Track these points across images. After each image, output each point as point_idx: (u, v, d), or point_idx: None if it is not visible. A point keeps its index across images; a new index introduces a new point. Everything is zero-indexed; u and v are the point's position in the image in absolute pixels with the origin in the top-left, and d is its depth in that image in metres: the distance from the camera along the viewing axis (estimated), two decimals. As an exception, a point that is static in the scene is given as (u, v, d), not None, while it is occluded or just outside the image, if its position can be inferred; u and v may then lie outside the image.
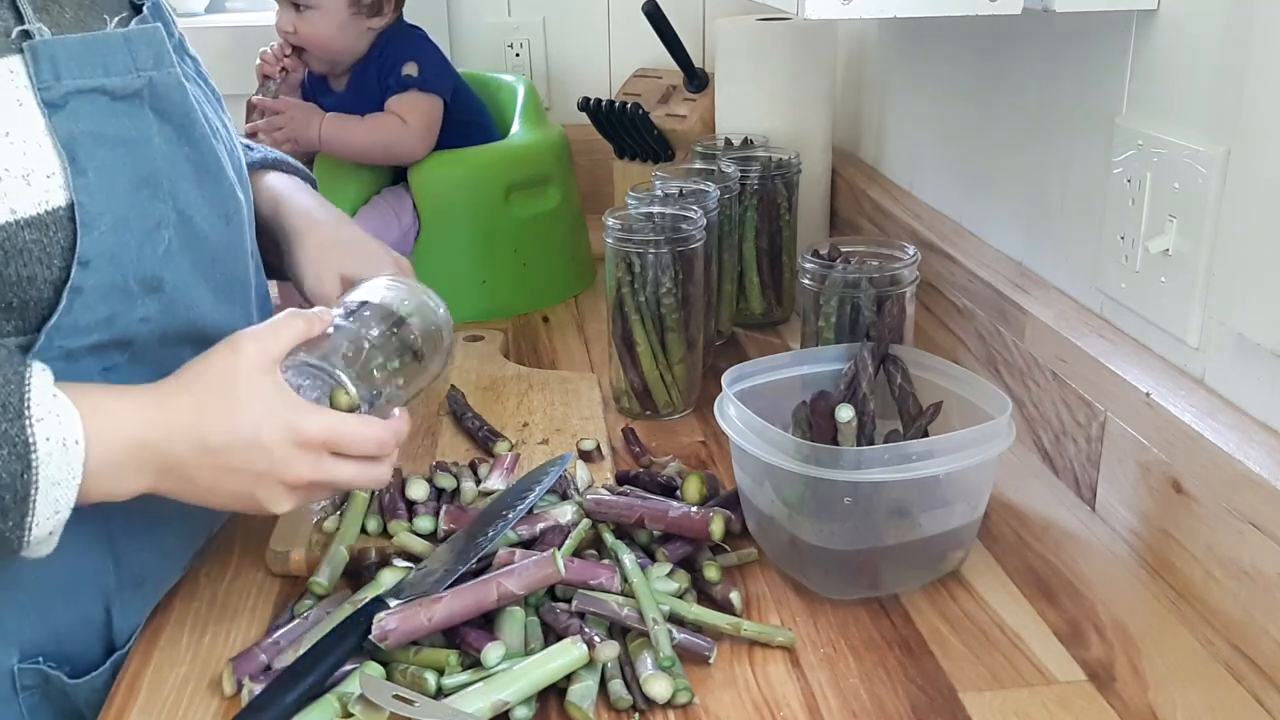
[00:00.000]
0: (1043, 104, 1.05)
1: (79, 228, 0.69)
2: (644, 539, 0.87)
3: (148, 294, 0.74)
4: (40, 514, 0.66)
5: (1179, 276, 0.85)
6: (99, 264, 0.70)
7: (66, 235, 0.69)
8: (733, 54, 1.48)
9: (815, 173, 1.48)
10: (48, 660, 0.77)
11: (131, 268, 0.72)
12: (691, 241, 1.08)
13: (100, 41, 0.72)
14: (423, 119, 1.41)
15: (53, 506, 0.66)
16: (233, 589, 0.86)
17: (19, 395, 0.65)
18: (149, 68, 0.75)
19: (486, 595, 0.75)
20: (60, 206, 0.69)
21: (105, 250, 0.71)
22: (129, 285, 0.73)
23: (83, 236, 0.69)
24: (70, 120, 0.70)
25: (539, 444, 1.05)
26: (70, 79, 0.70)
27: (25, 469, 0.64)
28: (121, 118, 0.73)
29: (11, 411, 0.64)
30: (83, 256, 0.69)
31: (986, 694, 0.73)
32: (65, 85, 0.70)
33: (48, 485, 0.65)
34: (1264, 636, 0.73)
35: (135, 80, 0.74)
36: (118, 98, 0.72)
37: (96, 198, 0.70)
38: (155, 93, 0.75)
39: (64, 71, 0.70)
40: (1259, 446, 0.75)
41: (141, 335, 0.75)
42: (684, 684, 0.72)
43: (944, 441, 0.80)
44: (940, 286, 1.20)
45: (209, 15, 1.96)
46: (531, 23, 1.85)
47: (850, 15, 0.82)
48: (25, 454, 0.64)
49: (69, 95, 0.70)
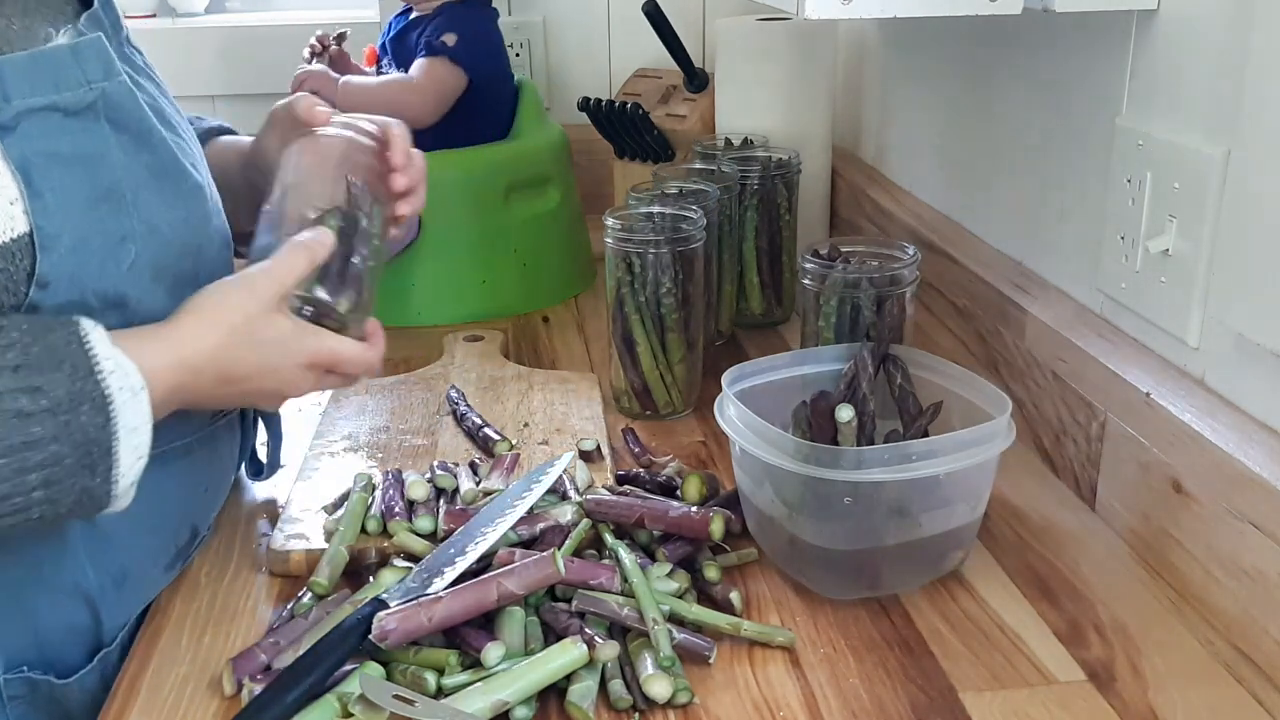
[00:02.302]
0: (1043, 104, 1.05)
1: (37, 250, 0.68)
2: (644, 539, 0.87)
3: (108, 309, 0.73)
4: (124, 463, 0.68)
5: (1179, 276, 0.85)
6: (58, 285, 0.70)
7: (31, 261, 0.68)
8: (733, 54, 1.48)
9: (815, 173, 1.48)
10: (33, 668, 0.77)
11: (92, 285, 0.72)
12: (691, 241, 1.08)
13: (48, 57, 0.71)
14: (435, 85, 1.42)
15: (135, 453, 0.69)
16: (233, 589, 0.86)
17: (83, 352, 0.66)
18: (100, 79, 0.73)
19: (486, 595, 0.75)
20: (24, 233, 0.68)
21: (65, 271, 0.70)
22: (88, 302, 0.72)
23: (42, 259, 0.68)
24: (22, 141, 0.68)
25: (539, 444, 1.05)
26: (20, 99, 0.68)
27: (106, 421, 0.67)
28: (76, 134, 0.71)
29: (83, 370, 0.66)
30: (42, 279, 0.69)
31: (986, 694, 0.73)
32: (15, 105, 0.68)
33: (127, 433, 0.68)
34: (1264, 636, 0.73)
35: (87, 93, 0.72)
36: (71, 113, 0.71)
37: (54, 219, 0.69)
38: (109, 103, 0.73)
39: (13, 92, 0.68)
40: (1259, 446, 0.75)
41: None
42: (684, 684, 0.72)
43: (944, 441, 0.80)
44: (940, 286, 1.20)
45: (209, 15, 1.96)
46: (531, 23, 1.85)
47: (850, 15, 0.82)
48: (105, 407, 0.66)
49: (19, 115, 0.68)
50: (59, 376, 0.65)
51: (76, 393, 0.66)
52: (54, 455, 0.65)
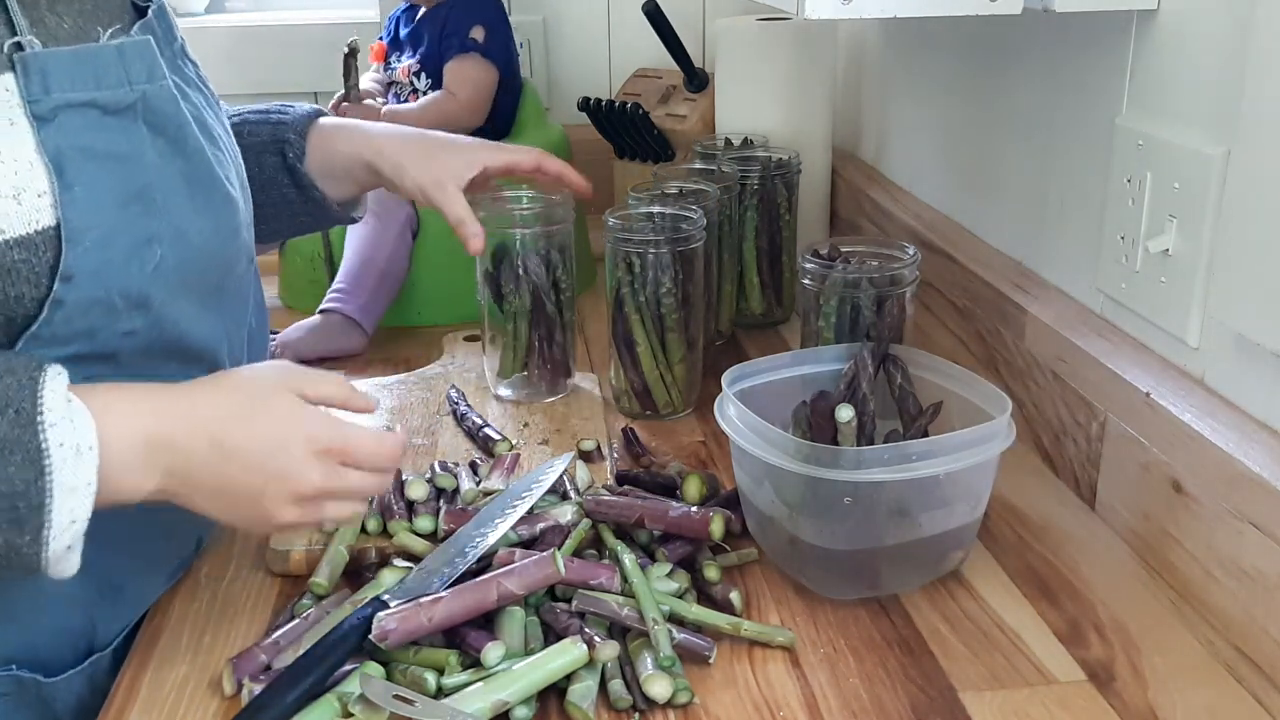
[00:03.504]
0: (1043, 104, 1.05)
1: (63, 242, 0.68)
2: (644, 539, 0.87)
3: (133, 309, 0.72)
4: (57, 525, 0.64)
5: (1179, 276, 0.85)
6: (82, 279, 0.69)
7: (55, 254, 0.68)
8: (733, 54, 1.48)
9: (815, 173, 1.48)
10: (21, 667, 0.76)
11: (117, 283, 0.71)
12: (691, 241, 1.08)
13: (92, 54, 0.71)
14: (473, 89, 1.43)
15: (69, 516, 0.64)
16: (233, 589, 0.86)
17: (32, 400, 0.63)
18: (142, 81, 0.73)
19: (486, 595, 0.75)
20: (50, 226, 0.67)
21: (89, 266, 0.69)
22: (113, 300, 0.71)
23: (67, 251, 0.68)
24: (58, 134, 0.68)
25: (539, 444, 1.05)
26: (60, 92, 0.69)
27: (39, 475, 0.62)
28: (113, 132, 0.71)
29: (24, 417, 0.63)
30: (66, 271, 0.68)
31: (986, 694, 0.73)
32: (55, 99, 0.68)
33: (63, 493, 0.63)
34: (1264, 636, 0.73)
35: (128, 94, 0.72)
36: (109, 111, 0.71)
37: (82, 213, 0.69)
38: (148, 106, 0.74)
39: (54, 85, 0.68)
40: (1259, 446, 0.75)
41: (125, 349, 0.73)
42: (684, 684, 0.72)
43: (944, 441, 0.80)
44: (940, 286, 1.20)
45: (209, 15, 1.96)
46: (531, 23, 1.85)
47: (850, 15, 0.82)
48: (38, 460, 0.62)
49: (58, 109, 0.68)
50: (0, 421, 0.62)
51: (11, 440, 0.62)
52: None
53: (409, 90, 1.50)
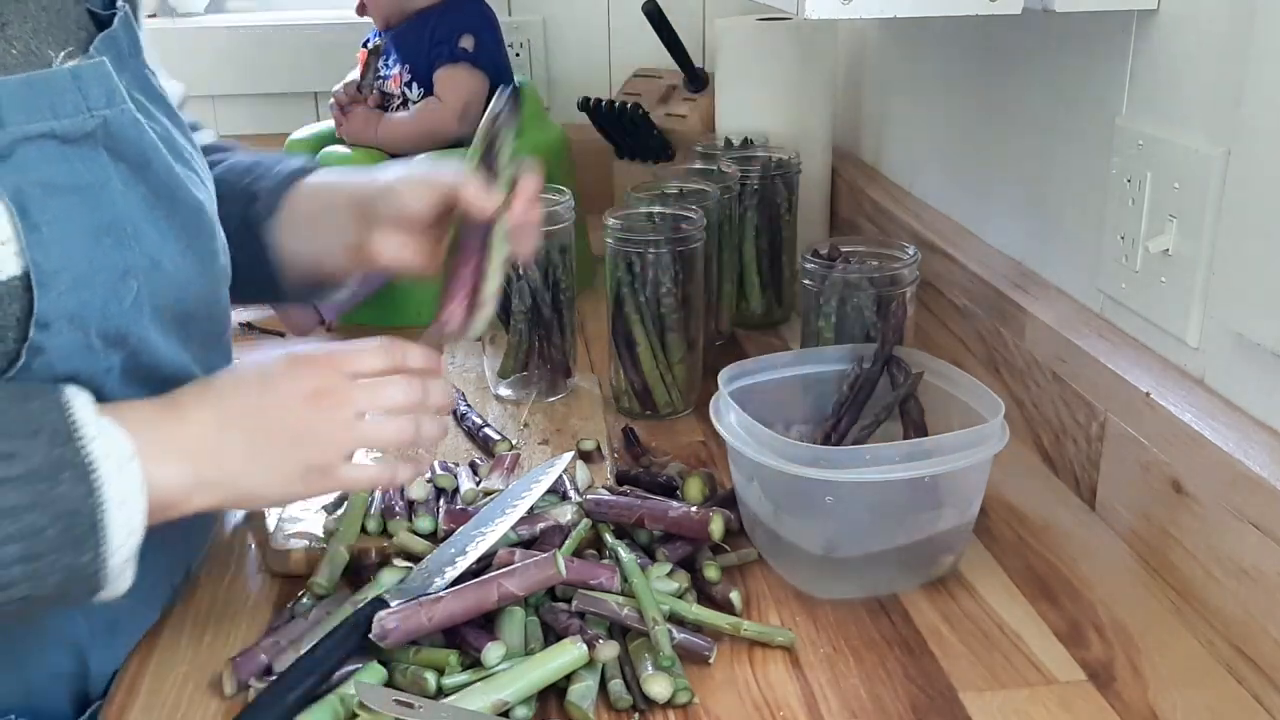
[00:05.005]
0: (1043, 104, 1.05)
1: (35, 288, 0.63)
2: (644, 539, 0.87)
3: (112, 348, 0.69)
4: (114, 539, 0.62)
5: (1179, 276, 0.85)
6: (60, 326, 0.65)
7: (23, 306, 0.63)
8: (733, 54, 1.48)
9: (815, 173, 1.48)
10: (20, 716, 0.74)
11: (95, 325, 0.67)
12: (691, 241, 1.08)
13: (46, 82, 0.65)
14: (461, 97, 1.43)
15: (125, 528, 0.63)
16: (233, 589, 0.86)
17: (63, 418, 0.62)
18: (101, 106, 0.68)
19: (486, 595, 0.75)
20: (15, 275, 0.63)
21: (66, 311, 0.65)
22: (92, 343, 0.67)
23: (40, 298, 0.63)
24: (16, 171, 0.63)
25: (539, 444, 1.05)
26: (15, 125, 0.63)
27: (90, 491, 0.61)
28: (75, 163, 0.66)
29: (61, 436, 0.61)
30: (41, 318, 0.64)
31: (986, 694, 0.73)
32: (10, 132, 0.63)
33: (115, 505, 0.62)
34: (1264, 636, 0.73)
35: (87, 120, 0.67)
36: (68, 141, 0.66)
37: (52, 255, 0.64)
38: (109, 132, 0.68)
39: (7, 118, 0.63)
40: (1259, 446, 0.75)
41: (108, 384, 0.69)
42: (684, 684, 0.72)
43: (933, 444, 0.80)
44: (940, 286, 1.20)
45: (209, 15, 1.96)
46: (531, 23, 1.85)
47: (850, 15, 0.82)
48: (86, 475, 0.61)
49: (15, 143, 0.63)
50: (35, 443, 0.61)
51: (56, 459, 0.60)
52: (31, 525, 0.60)
53: (399, 101, 1.49)
